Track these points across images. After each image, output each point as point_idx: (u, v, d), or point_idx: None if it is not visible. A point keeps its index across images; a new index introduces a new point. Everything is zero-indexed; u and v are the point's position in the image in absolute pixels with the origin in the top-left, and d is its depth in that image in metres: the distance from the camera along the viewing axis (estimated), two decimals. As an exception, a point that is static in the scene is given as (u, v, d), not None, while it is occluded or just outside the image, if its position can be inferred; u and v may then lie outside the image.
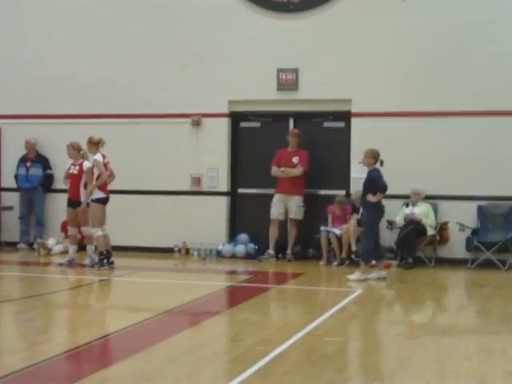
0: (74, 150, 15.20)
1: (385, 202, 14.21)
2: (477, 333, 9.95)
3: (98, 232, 14.79)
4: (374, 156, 13.87)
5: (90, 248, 15.25)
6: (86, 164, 15.11)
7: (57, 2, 17.87)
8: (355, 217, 15.69)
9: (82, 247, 15.64)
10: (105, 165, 14.80)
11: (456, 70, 15.83)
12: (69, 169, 15.32)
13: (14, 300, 12.05)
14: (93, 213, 14.82)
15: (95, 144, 14.88)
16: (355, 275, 13.73)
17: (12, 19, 18.20)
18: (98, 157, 14.74)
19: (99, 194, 14.72)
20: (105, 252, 14.87)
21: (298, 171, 16.30)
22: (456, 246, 15.79)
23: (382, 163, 13.81)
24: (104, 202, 14.81)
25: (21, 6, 18.07)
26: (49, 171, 17.68)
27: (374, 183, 13.75)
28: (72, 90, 17.63)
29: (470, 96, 15.71)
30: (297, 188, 16.36)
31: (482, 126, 15.68)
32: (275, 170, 16.41)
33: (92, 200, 14.75)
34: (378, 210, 14.01)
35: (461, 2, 15.87)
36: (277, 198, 16.41)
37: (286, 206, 16.38)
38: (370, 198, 13.74)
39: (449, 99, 15.82)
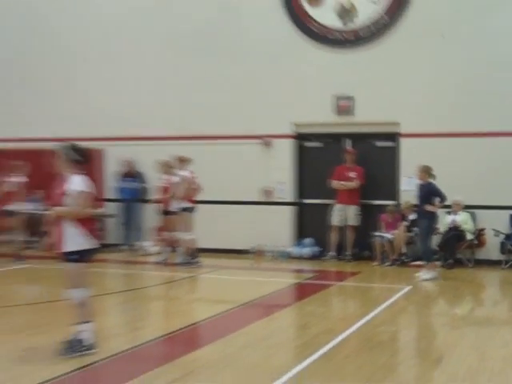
0: (166, 166, 15.42)
1: (438, 210, 14.13)
2: (511, 324, 9.87)
3: (187, 236, 15.00)
4: (426, 171, 13.88)
5: (180, 249, 15.45)
6: (174, 178, 15.30)
7: (145, 39, 18.14)
8: (404, 224, 15.66)
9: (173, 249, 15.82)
10: (192, 179, 15.01)
11: (491, 95, 15.62)
12: (160, 182, 15.53)
13: (118, 292, 12.30)
14: (182, 220, 15.05)
15: (184, 161, 15.12)
16: (425, 275, 13.64)
17: (110, 55, 18.48)
18: (185, 173, 14.95)
19: (186, 204, 14.94)
20: (193, 253, 15.08)
21: (355, 184, 16.30)
22: (492, 249, 15.59)
23: (434, 177, 13.83)
24: (190, 210, 15.02)
25: (113, 44, 18.38)
26: (144, 184, 17.91)
27: (434, 194, 13.78)
28: (161, 116, 17.82)
29: (504, 118, 15.53)
30: (353, 199, 16.35)
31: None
32: (334, 184, 16.42)
33: (181, 209, 14.98)
34: (434, 217, 14.03)
35: (496, 36, 15.66)
36: (337, 207, 16.41)
37: (344, 215, 16.36)
38: (429, 207, 13.72)
39: (484, 121, 15.61)
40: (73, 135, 17.94)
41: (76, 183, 7.56)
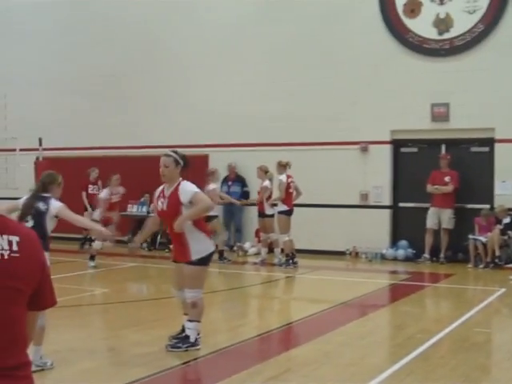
0: (262, 171, 15.41)
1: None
2: None
3: (284, 237, 14.96)
4: None
5: (277, 250, 15.43)
6: (266, 183, 15.29)
7: (249, 50, 18.22)
8: (498, 227, 15.21)
9: (271, 250, 15.80)
10: (289, 184, 14.96)
11: None
12: (260, 187, 15.56)
13: (219, 291, 12.32)
14: (280, 222, 15.02)
15: (283, 166, 15.09)
16: None
17: (215, 68, 18.67)
18: (283, 177, 14.93)
19: (284, 207, 14.91)
20: (290, 254, 15.03)
21: (450, 188, 15.96)
22: None
23: None
24: (288, 213, 14.98)
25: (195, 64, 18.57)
26: (245, 188, 17.98)
27: None
28: (261, 124, 17.86)
29: None
30: (448, 202, 16.00)
31: None
32: (430, 188, 16.11)
33: (279, 212, 14.96)
34: None
35: None
36: (431, 210, 16.09)
37: (439, 218, 16.04)
38: None
39: None
40: (181, 143, 18.47)
41: (189, 187, 7.54)
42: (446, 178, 15.99)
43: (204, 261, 7.47)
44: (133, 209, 19.06)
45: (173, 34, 19.22)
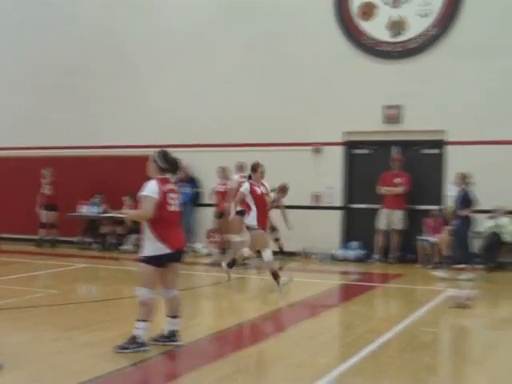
0: (222, 172, 15.46)
1: (473, 215, 14.03)
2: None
3: (236, 238, 15.02)
4: (462, 178, 13.83)
5: (230, 251, 15.49)
6: (230, 183, 15.38)
7: (203, 54, 18.28)
8: (447, 228, 15.48)
9: (223, 250, 15.86)
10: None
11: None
12: (215, 187, 15.60)
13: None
14: (235, 222, 15.05)
15: (241, 168, 15.09)
16: (465, 275, 13.61)
17: (170, 67, 18.67)
18: (241, 179, 14.97)
19: (238, 208, 14.94)
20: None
21: (400, 190, 16.19)
22: None
23: (471, 184, 13.72)
24: (242, 214, 15.00)
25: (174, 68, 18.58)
26: (197, 189, 18.01)
27: (465, 200, 13.66)
28: (214, 125, 17.91)
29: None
30: (399, 204, 16.23)
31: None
32: (381, 189, 16.33)
33: (236, 212, 14.99)
34: (469, 222, 13.92)
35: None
36: (383, 211, 16.31)
37: (390, 219, 16.26)
38: (463, 212, 13.66)
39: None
40: (132, 143, 18.45)
41: (145, 186, 7.60)
42: (397, 180, 16.22)
43: (150, 260, 7.51)
44: (83, 209, 18.96)
45: (128, 33, 19.19)
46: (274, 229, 16.03)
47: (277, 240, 16.06)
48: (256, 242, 12.08)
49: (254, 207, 12.08)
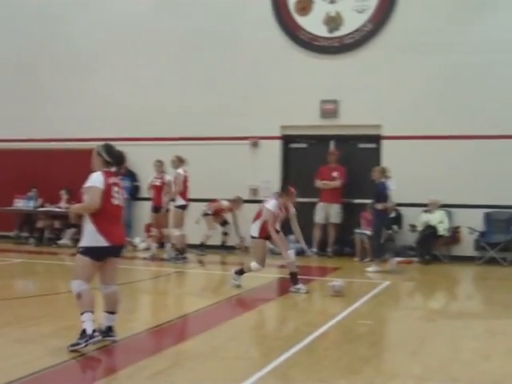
0: (158, 165, 15.36)
1: (407, 209, 14.24)
2: (483, 317, 9.88)
3: (176, 232, 14.95)
4: (381, 172, 14.01)
5: (168, 245, 15.41)
6: (167, 177, 15.31)
7: (141, 44, 18.13)
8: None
9: (162, 244, 15.77)
10: (186, 178, 14.96)
11: (467, 101, 15.75)
12: (152, 181, 15.48)
13: (108, 287, 12.18)
14: (175, 216, 15.00)
15: (181, 161, 15.05)
16: (373, 268, 13.86)
17: (108, 59, 18.48)
18: (180, 171, 14.91)
19: (180, 202, 14.90)
20: (181, 249, 15.03)
21: (337, 184, 16.31)
22: (466, 246, 15.67)
23: (389, 178, 13.95)
24: (185, 208, 14.99)
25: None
26: (136, 183, 17.87)
27: (380, 194, 13.91)
28: (154, 117, 17.81)
29: (479, 122, 15.62)
30: (336, 198, 16.35)
31: (488, 146, 15.57)
32: (318, 183, 16.43)
33: (175, 206, 14.93)
34: (385, 215, 14.14)
35: (470, 45, 15.73)
36: (320, 205, 16.42)
37: (327, 213, 16.37)
38: (379, 206, 13.84)
39: (460, 125, 15.74)
40: (74, 136, 18.17)
41: (90, 178, 7.49)
42: (334, 174, 16.35)
43: (88, 252, 7.40)
44: (19, 203, 18.63)
45: (73, 25, 18.90)
46: (225, 222, 16.13)
47: (225, 234, 16.18)
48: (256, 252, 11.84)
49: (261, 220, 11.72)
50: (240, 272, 11.67)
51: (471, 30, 15.89)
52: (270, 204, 11.47)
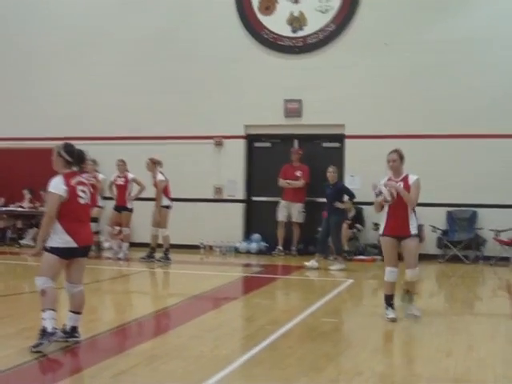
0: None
1: (371, 207, 14.26)
2: (445, 314, 9.95)
3: (166, 232, 14.96)
4: (337, 172, 14.48)
5: (125, 245, 15.37)
6: (130, 176, 15.25)
7: (104, 43, 17.99)
8: (346, 222, 15.73)
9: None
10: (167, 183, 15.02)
11: (428, 100, 15.90)
12: (115, 180, 15.38)
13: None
14: (163, 216, 14.91)
15: (154, 163, 14.97)
16: (336, 266, 14.06)
17: (70, 57, 18.31)
18: (162, 177, 14.85)
19: (166, 202, 14.93)
20: (152, 249, 15.04)
21: (300, 183, 16.33)
22: (429, 244, 15.76)
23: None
24: (168, 207, 15.00)
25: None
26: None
27: (344, 193, 14.21)
28: (120, 117, 17.69)
29: (441, 122, 15.76)
30: (299, 196, 16.37)
31: (450, 145, 15.70)
32: (281, 182, 16.44)
33: (162, 206, 14.87)
34: (344, 213, 14.44)
35: (431, 45, 15.85)
36: (282, 204, 16.43)
37: (289, 211, 16.38)
38: (339, 204, 13.96)
39: (422, 124, 15.88)
40: (36, 135, 17.97)
41: (51, 182, 7.40)
42: (297, 173, 16.37)
43: (55, 251, 7.32)
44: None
45: (23, 22, 18.65)
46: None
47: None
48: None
49: None
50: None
51: (432, 30, 16.01)
52: None
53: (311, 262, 14.16)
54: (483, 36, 15.61)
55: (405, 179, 9.43)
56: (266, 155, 17.19)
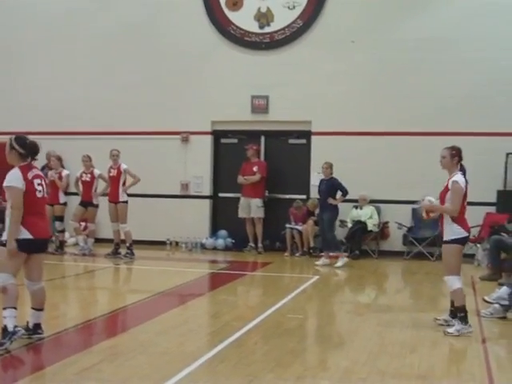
0: (89, 160, 15.17)
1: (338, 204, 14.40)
2: (410, 310, 10.02)
3: (126, 227, 14.94)
4: (332, 167, 14.22)
5: (90, 240, 15.33)
6: (96, 172, 15.16)
7: (74, 39, 17.85)
8: (312, 218, 15.81)
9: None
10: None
11: (394, 98, 15.97)
12: (81, 176, 15.29)
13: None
14: (124, 212, 14.86)
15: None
16: (339, 263, 14.10)
17: (41, 53, 18.13)
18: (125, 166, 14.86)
19: (126, 197, 14.88)
20: (116, 245, 14.98)
21: (257, 178, 16.27)
22: (395, 241, 15.90)
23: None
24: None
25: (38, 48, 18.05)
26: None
27: (338, 189, 14.17)
28: (86, 112, 17.53)
29: (406, 119, 15.85)
30: (257, 192, 16.28)
31: (415, 143, 15.78)
32: (239, 179, 16.40)
33: (123, 201, 14.83)
34: (337, 210, 14.39)
35: (397, 43, 15.95)
36: (242, 200, 16.39)
37: (248, 207, 16.33)
38: (332, 200, 14.04)
39: (388, 121, 15.95)
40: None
41: (8, 178, 7.30)
42: (255, 168, 16.35)
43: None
44: None
45: (4, 18, 18.41)
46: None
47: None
48: None
49: None
50: None
51: (399, 28, 16.08)
52: None
53: (322, 261, 14.25)
54: (449, 36, 15.70)
55: (449, 181, 8.46)
56: (232, 151, 17.16)
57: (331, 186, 14.26)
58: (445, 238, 8.37)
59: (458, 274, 8.37)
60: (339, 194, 14.33)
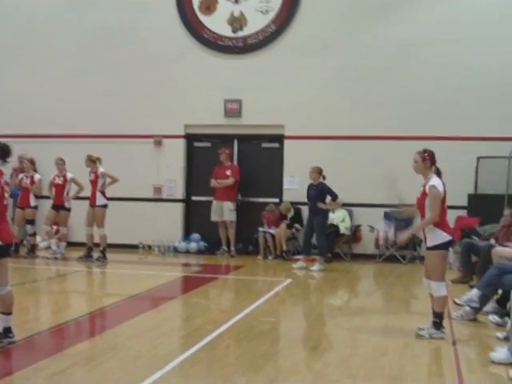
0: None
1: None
2: (382, 313, 10.05)
3: (103, 231, 14.82)
4: (319, 171, 14.26)
5: (62, 244, 15.22)
6: (69, 175, 15.09)
7: (51, 42, 17.74)
8: (285, 222, 15.83)
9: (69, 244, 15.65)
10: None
11: (366, 102, 16.02)
12: (53, 179, 15.20)
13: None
14: (101, 216, 14.79)
15: (93, 161, 14.90)
16: (317, 266, 14.09)
17: (23, 55, 17.99)
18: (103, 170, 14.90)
19: (105, 201, 14.82)
20: (89, 249, 14.89)
21: (230, 182, 16.26)
22: (367, 244, 15.96)
23: (324, 177, 14.32)
24: (106, 206, 14.88)
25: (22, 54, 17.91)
26: (36, 181, 17.46)
27: (327, 193, 14.23)
28: (60, 115, 17.40)
29: (378, 123, 15.92)
30: (229, 195, 16.27)
31: (387, 146, 15.84)
32: (212, 182, 16.37)
33: (101, 206, 14.74)
34: (327, 214, 14.50)
35: (370, 48, 16.03)
36: (214, 203, 16.36)
37: (220, 210, 16.31)
38: (322, 205, 14.04)
39: (360, 125, 16.01)
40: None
41: None
42: (227, 172, 16.34)
43: None
44: None
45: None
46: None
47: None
48: None
49: None
50: None
51: (372, 34, 16.12)
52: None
53: (299, 263, 14.29)
54: (421, 41, 15.78)
55: (426, 185, 8.17)
56: (205, 155, 17.13)
57: (321, 191, 14.26)
58: (428, 245, 8.19)
59: (443, 279, 8.28)
60: (329, 198, 14.32)
